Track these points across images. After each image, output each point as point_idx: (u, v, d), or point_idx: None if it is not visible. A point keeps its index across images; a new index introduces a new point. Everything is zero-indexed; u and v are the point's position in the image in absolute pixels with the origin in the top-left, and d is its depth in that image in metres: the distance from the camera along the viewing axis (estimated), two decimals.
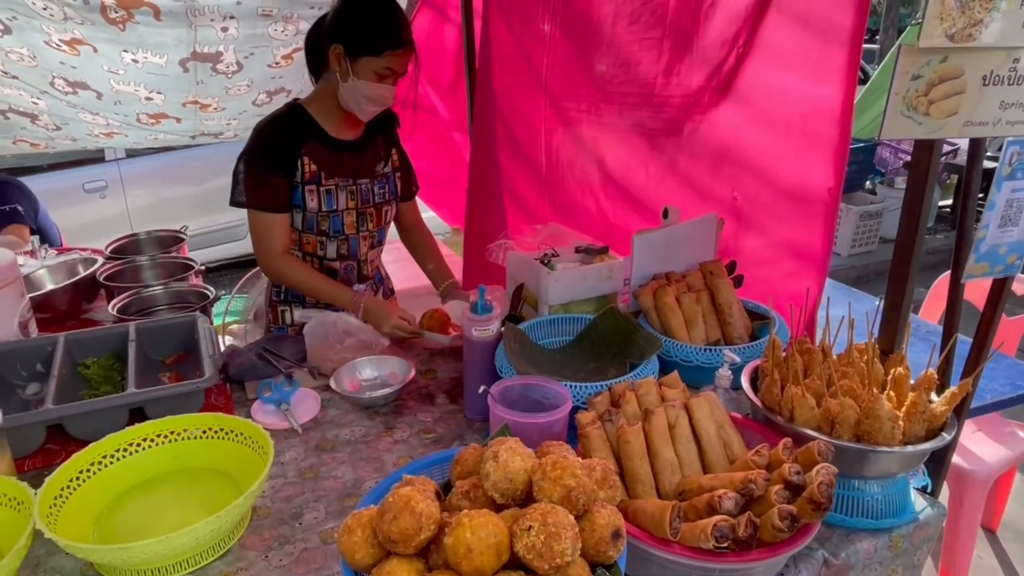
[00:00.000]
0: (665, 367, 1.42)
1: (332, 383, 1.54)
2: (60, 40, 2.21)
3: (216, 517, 1.00)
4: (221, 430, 1.27)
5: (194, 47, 2.38)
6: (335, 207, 1.80)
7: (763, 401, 1.23)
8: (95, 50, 2.28)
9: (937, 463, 1.28)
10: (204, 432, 1.27)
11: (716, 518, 0.93)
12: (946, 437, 1.13)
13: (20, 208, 2.63)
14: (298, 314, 1.76)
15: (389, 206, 1.94)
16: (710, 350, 1.45)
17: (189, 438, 1.27)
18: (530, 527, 0.80)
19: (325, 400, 1.55)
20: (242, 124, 3.07)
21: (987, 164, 1.66)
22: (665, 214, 1.73)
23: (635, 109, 1.96)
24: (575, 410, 1.21)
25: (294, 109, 1.76)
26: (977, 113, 0.93)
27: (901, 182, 5.74)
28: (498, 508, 0.91)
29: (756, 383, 1.30)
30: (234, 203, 1.74)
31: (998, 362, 2.03)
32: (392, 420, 1.48)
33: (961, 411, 1.21)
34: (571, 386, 1.27)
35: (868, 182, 5.74)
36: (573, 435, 1.18)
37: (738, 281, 1.68)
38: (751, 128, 1.64)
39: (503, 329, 1.44)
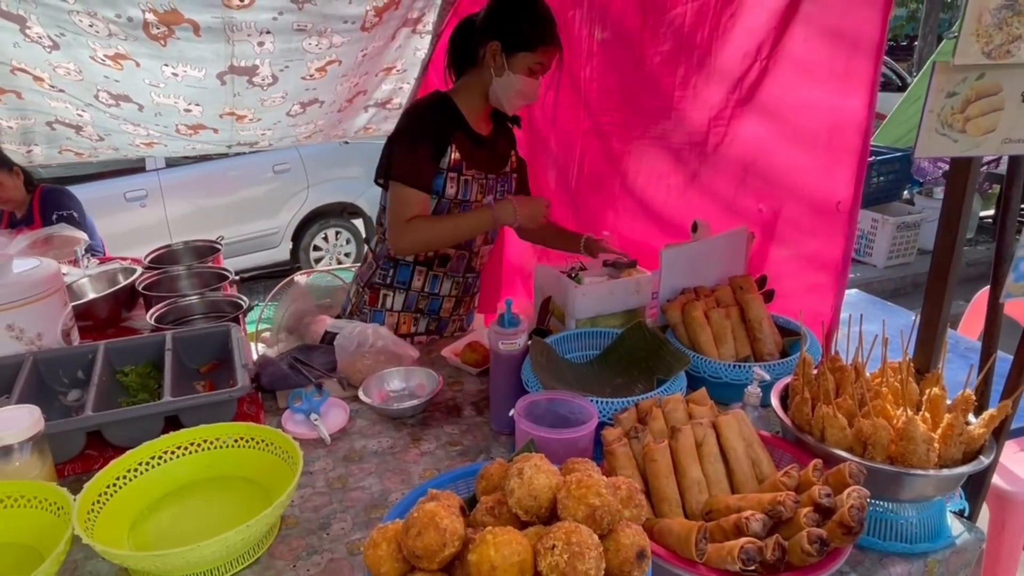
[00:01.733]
0: (693, 383, 1.41)
1: (361, 394, 1.56)
2: (105, 55, 2.29)
3: (246, 527, 1.02)
4: (252, 439, 1.29)
5: (231, 61, 2.44)
6: (468, 198, 1.84)
7: (793, 420, 1.21)
8: (137, 64, 2.36)
9: (975, 486, 1.24)
10: (236, 441, 1.30)
11: (743, 540, 0.91)
12: (984, 461, 1.10)
13: (75, 214, 2.76)
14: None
15: None
16: (739, 367, 1.43)
17: (221, 447, 1.30)
18: (554, 546, 0.80)
19: (354, 411, 1.57)
20: (276, 134, 3.14)
21: None
22: (694, 228, 1.72)
23: (658, 123, 1.95)
24: (601, 426, 1.21)
25: (443, 98, 1.82)
26: (1016, 130, 0.91)
27: (940, 192, 5.60)
28: (522, 525, 0.91)
29: (786, 401, 1.28)
30: (380, 179, 1.79)
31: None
32: (419, 432, 1.50)
33: (1000, 433, 1.18)
34: (597, 402, 1.26)
35: (906, 192, 5.62)
36: (599, 451, 1.18)
37: (768, 296, 1.66)
38: (776, 141, 1.62)
39: (530, 343, 1.44)
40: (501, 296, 2.56)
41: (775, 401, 1.26)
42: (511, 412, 1.21)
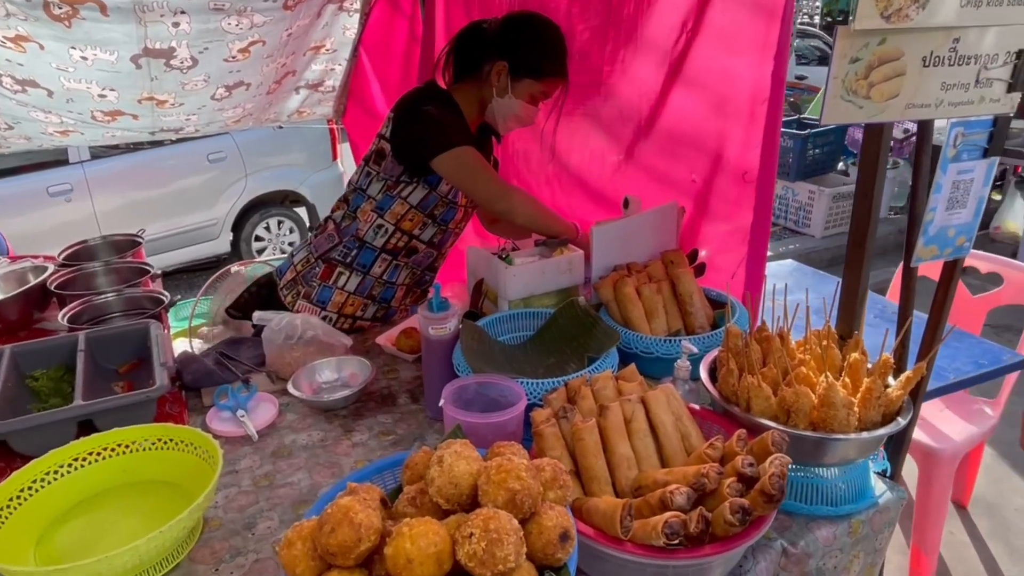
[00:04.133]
0: (626, 359, 1.41)
1: (290, 387, 1.51)
2: (4, 37, 2.13)
3: (159, 533, 0.97)
4: (171, 440, 1.24)
5: (145, 43, 2.31)
6: (456, 199, 1.79)
7: (720, 391, 1.22)
8: (41, 47, 2.21)
9: (896, 446, 1.28)
10: (154, 444, 1.24)
11: (667, 514, 0.91)
12: (901, 422, 1.12)
13: None
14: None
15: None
16: (669, 341, 1.44)
17: (138, 450, 1.24)
18: (471, 534, 0.78)
19: (283, 405, 1.52)
20: (202, 120, 3.00)
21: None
22: (626, 204, 1.71)
23: (589, 99, 1.93)
24: (532, 408, 1.19)
25: (448, 93, 1.74)
26: (919, 95, 0.91)
27: None
28: (444, 514, 0.89)
29: (715, 373, 1.29)
30: (438, 152, 1.61)
31: (962, 340, 2.04)
32: (351, 423, 1.46)
33: (917, 394, 1.21)
34: (527, 383, 1.25)
35: (841, 164, 5.77)
36: (529, 433, 1.16)
37: (700, 270, 1.67)
38: (704, 112, 1.62)
39: (460, 327, 1.42)
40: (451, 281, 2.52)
41: (703, 373, 1.27)
42: (441, 401, 1.18)
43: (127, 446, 1.23)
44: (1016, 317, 2.32)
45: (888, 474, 1.29)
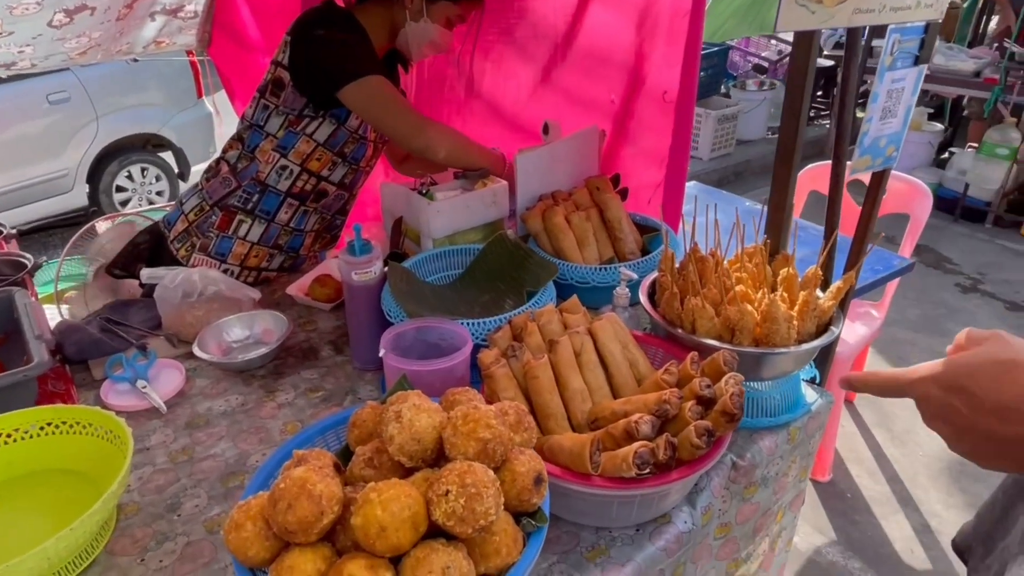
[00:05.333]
0: (561, 291, 1.37)
1: (196, 349, 1.36)
2: None
3: (69, 531, 0.84)
4: (63, 423, 1.07)
5: None
6: (366, 134, 1.61)
7: (664, 315, 1.21)
8: None
9: (823, 355, 1.33)
10: (42, 429, 1.07)
11: (636, 445, 0.89)
12: (835, 331, 1.16)
13: None
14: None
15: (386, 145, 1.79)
16: (606, 269, 1.41)
17: (23, 438, 1.07)
18: (447, 491, 0.71)
19: (190, 370, 1.37)
20: (39, 52, 2.57)
21: None
22: (545, 130, 1.64)
23: (503, 18, 1.81)
24: (476, 349, 1.13)
25: (348, 12, 1.53)
26: (865, 0, 0.90)
27: (752, 84, 6.00)
28: (407, 472, 0.82)
29: (654, 298, 1.28)
30: (345, 82, 1.44)
31: (846, 248, 2.17)
32: (272, 383, 1.34)
33: (844, 304, 1.26)
34: (468, 323, 1.18)
35: (723, 87, 5.94)
36: (476, 376, 1.10)
37: (624, 194, 1.64)
38: (623, 29, 1.56)
39: (386, 270, 1.31)
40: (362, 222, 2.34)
41: (644, 299, 1.25)
42: (381, 352, 1.09)
43: (8, 435, 1.06)
44: (898, 226, 2.50)
45: (817, 381, 1.35)
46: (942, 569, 2.14)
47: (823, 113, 6.25)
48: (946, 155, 5.18)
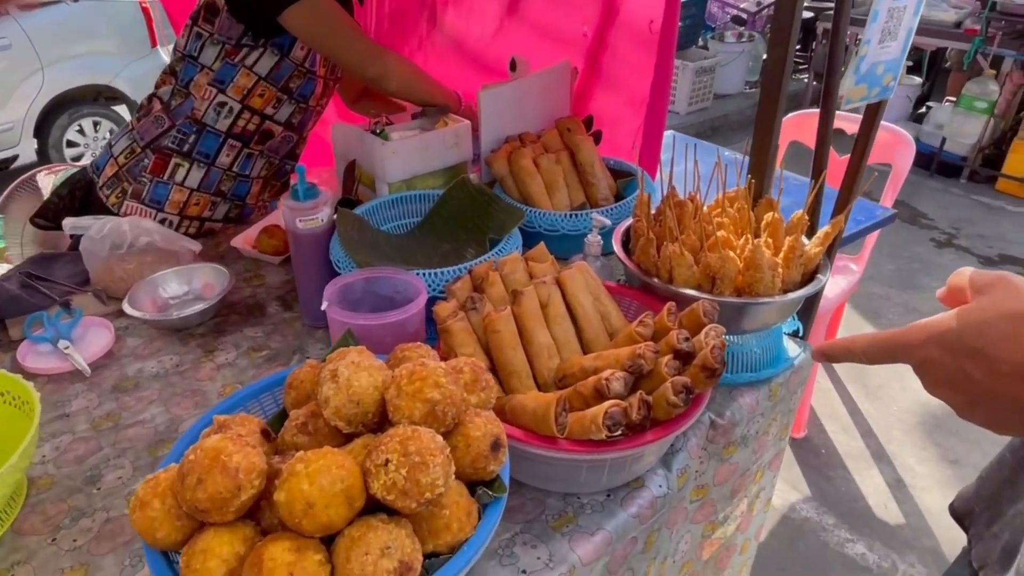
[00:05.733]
0: (528, 240, 1.26)
1: (127, 306, 1.23)
2: None
3: None
4: None
5: None
6: (315, 67, 1.46)
7: (639, 264, 1.11)
8: None
9: (807, 306, 1.25)
10: None
11: (607, 404, 0.80)
12: (822, 279, 1.07)
13: None
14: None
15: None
16: (577, 215, 1.30)
17: None
18: (387, 461, 0.61)
19: (121, 329, 1.24)
20: None
21: None
22: (512, 66, 1.51)
23: None
24: (433, 302, 1.02)
25: None
26: None
27: (731, 36, 5.84)
28: (348, 439, 0.72)
29: (628, 246, 1.18)
30: (287, 2, 1.28)
31: (829, 200, 2.08)
32: (212, 342, 1.22)
33: (831, 251, 1.17)
34: (424, 274, 1.07)
35: (700, 39, 5.78)
36: (434, 332, 1.00)
37: (597, 137, 1.52)
38: None
39: (335, 216, 1.19)
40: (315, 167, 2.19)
41: (617, 247, 1.15)
42: (324, 305, 0.98)
43: None
44: (876, 183, 2.42)
45: (800, 334, 1.27)
46: (915, 524, 2.13)
47: (801, 67, 6.14)
48: (923, 110, 5.12)
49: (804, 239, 1.12)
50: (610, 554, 0.89)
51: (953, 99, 4.70)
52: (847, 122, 2.46)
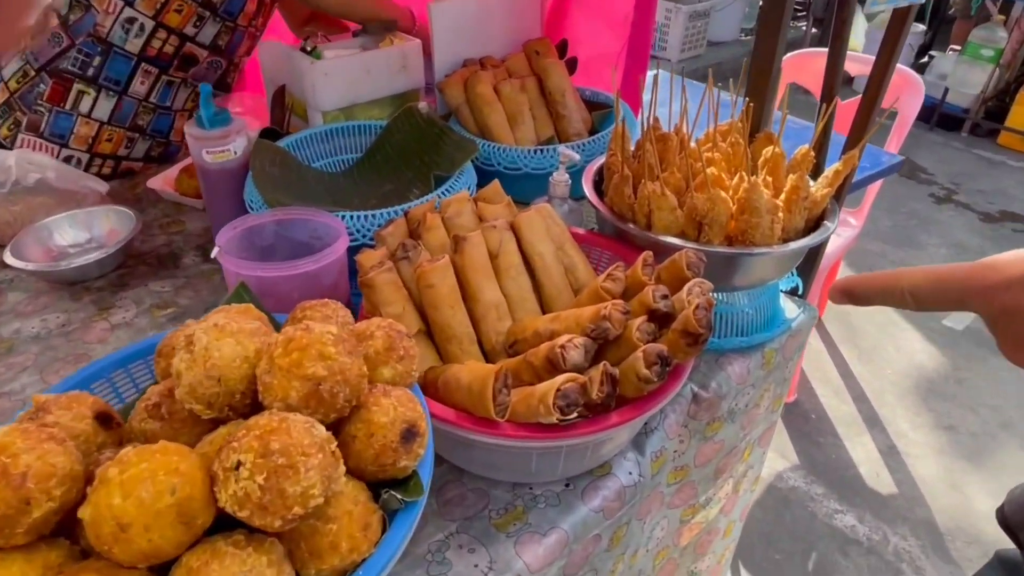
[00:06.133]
0: (485, 180, 1.07)
1: (8, 255, 1.04)
2: None
3: None
4: None
5: None
6: None
7: (611, 206, 0.93)
8: None
9: (808, 259, 1.08)
10: None
11: (560, 379, 0.63)
12: (830, 226, 0.90)
13: None
14: None
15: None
16: (542, 152, 1.11)
17: None
18: (239, 464, 0.44)
19: (3, 282, 1.06)
20: None
21: None
22: None
23: None
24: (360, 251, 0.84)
25: None
26: None
27: None
28: (213, 426, 0.55)
29: (601, 187, 0.99)
30: None
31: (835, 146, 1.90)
32: (109, 297, 1.03)
33: (840, 194, 0.99)
34: (352, 217, 0.88)
35: None
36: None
37: (571, 66, 1.32)
38: None
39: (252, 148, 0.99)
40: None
41: (587, 187, 0.97)
42: (215, 251, 0.79)
43: None
44: (878, 135, 2.23)
45: (800, 292, 1.10)
46: (908, 493, 2.02)
47: (799, 14, 5.85)
48: (925, 59, 4.89)
49: (809, 180, 0.94)
50: (567, 556, 0.74)
51: (958, 48, 4.47)
52: (850, 62, 2.26)
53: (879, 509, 1.97)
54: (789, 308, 1.05)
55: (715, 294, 0.95)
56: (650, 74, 2.50)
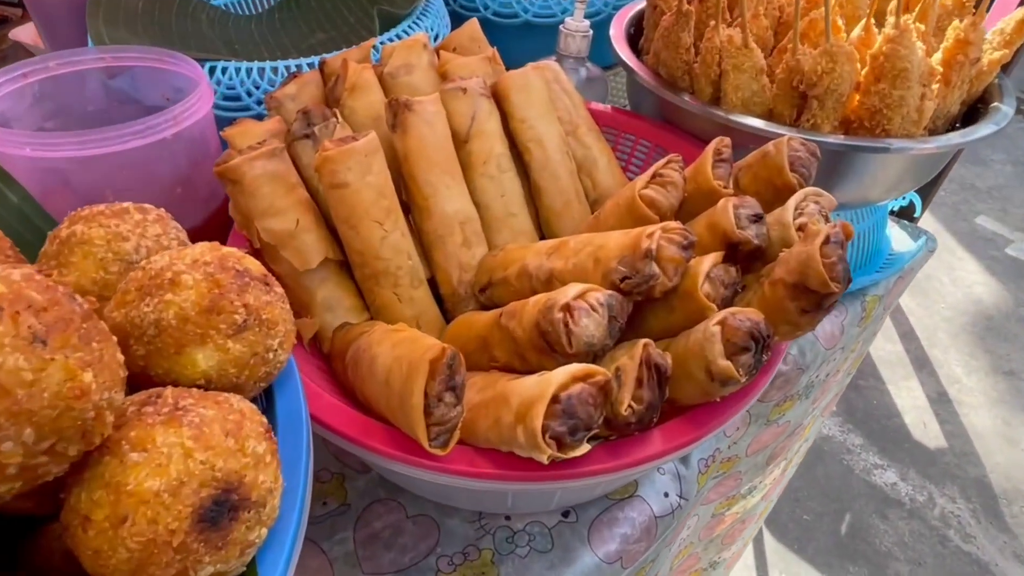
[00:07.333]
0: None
1: None
2: None
3: None
4: None
5: None
6: None
7: (657, 68, 0.59)
8: None
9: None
10: None
11: (560, 375, 0.32)
12: (1004, 109, 0.56)
13: None
14: None
15: None
16: None
17: None
18: None
19: None
20: None
21: None
22: None
23: None
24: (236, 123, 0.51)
25: None
26: None
27: None
28: None
29: (638, 42, 0.65)
30: None
31: None
32: None
33: (1010, 64, 0.65)
34: (237, 70, 0.55)
35: None
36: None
37: None
38: None
39: None
40: None
41: (618, 42, 0.62)
42: None
43: None
44: None
45: (916, 214, 0.77)
46: (959, 448, 1.76)
47: None
48: None
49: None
50: None
51: None
52: None
53: (925, 466, 1.71)
54: (898, 238, 0.73)
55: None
56: None
